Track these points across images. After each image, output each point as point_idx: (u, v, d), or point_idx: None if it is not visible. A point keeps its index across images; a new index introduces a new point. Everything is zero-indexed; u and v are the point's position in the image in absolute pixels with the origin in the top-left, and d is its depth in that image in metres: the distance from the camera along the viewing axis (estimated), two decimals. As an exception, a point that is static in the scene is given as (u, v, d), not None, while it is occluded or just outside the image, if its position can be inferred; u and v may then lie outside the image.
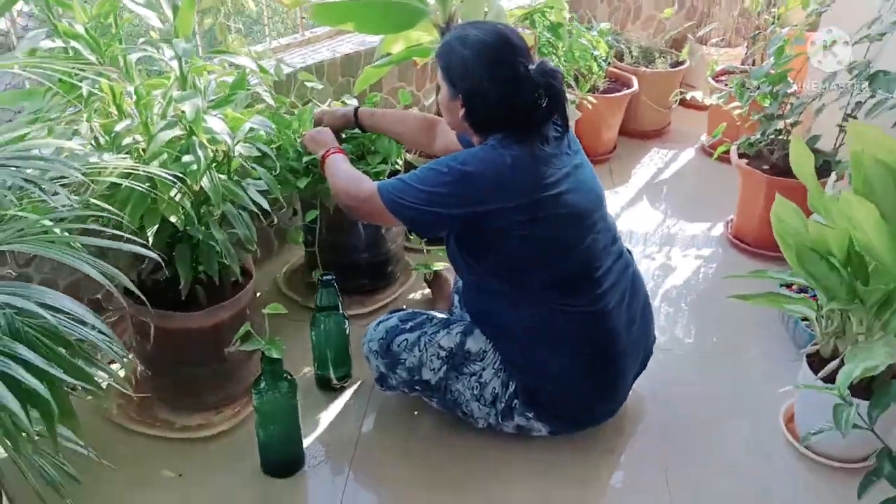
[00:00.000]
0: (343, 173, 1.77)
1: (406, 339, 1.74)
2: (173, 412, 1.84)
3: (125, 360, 1.14)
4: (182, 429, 1.81)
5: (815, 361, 1.74)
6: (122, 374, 1.91)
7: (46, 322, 1.03)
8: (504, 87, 1.56)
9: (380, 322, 1.80)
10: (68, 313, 1.10)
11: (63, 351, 1.06)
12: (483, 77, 1.56)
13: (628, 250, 1.81)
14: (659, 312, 2.26)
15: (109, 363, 1.83)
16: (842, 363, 1.50)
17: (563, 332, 1.65)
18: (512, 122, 1.58)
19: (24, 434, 0.98)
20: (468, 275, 1.74)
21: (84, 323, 1.14)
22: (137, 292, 1.25)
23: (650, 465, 1.76)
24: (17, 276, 1.79)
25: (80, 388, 1.13)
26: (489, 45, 1.56)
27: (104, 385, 1.35)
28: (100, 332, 1.15)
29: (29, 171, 1.14)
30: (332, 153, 1.83)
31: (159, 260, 1.40)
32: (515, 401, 1.71)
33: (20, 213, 1.22)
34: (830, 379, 1.56)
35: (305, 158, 1.95)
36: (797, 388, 1.68)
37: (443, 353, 1.72)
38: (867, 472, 1.34)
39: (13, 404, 0.93)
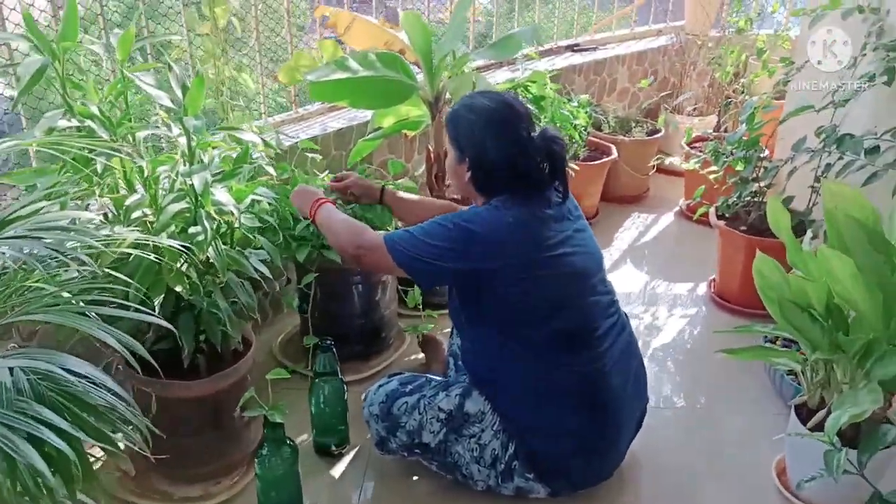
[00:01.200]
0: (343, 222, 1.81)
1: (406, 402, 1.77)
2: (172, 483, 1.84)
3: (142, 426, 1.16)
4: (181, 500, 1.81)
5: (804, 412, 1.79)
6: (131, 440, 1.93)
7: (70, 387, 1.07)
8: (507, 151, 1.66)
9: (380, 386, 1.84)
10: (89, 379, 1.14)
11: (85, 415, 1.09)
12: (488, 141, 1.67)
13: (625, 313, 1.87)
14: (648, 372, 2.30)
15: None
16: (829, 412, 1.55)
17: (562, 390, 1.69)
18: (515, 184, 1.67)
19: (49, 495, 1.00)
20: (469, 329, 1.78)
21: (102, 388, 1.17)
22: (151, 360, 1.28)
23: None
24: (20, 349, 1.81)
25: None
26: (494, 111, 1.68)
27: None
28: (118, 397, 1.18)
29: (48, 240, 1.19)
30: (324, 203, 1.86)
31: (166, 329, 1.44)
32: (515, 462, 1.73)
33: (36, 284, 1.27)
34: (819, 429, 1.61)
35: (299, 226, 2.01)
36: (789, 436, 1.72)
37: (442, 416, 1.75)
38: (862, 518, 1.37)
39: (40, 464, 0.95)
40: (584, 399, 1.71)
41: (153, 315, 1.38)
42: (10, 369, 1.04)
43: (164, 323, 1.32)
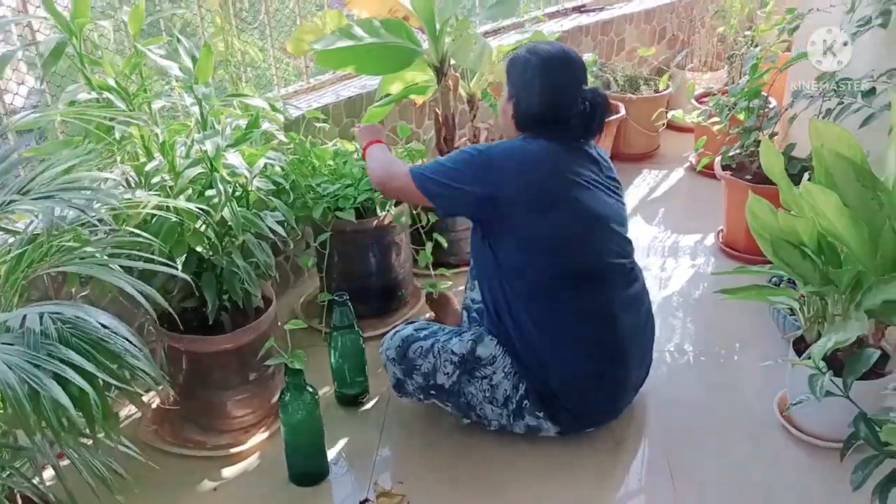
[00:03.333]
0: (384, 156, 1.99)
1: (421, 347, 1.87)
2: (204, 433, 1.96)
3: (158, 375, 1.26)
4: (213, 447, 1.93)
5: (801, 347, 1.86)
6: (156, 401, 2.06)
7: (93, 334, 1.17)
8: (553, 92, 1.77)
9: (396, 331, 1.94)
10: (113, 330, 1.24)
11: (107, 361, 1.19)
12: (537, 80, 1.77)
13: (639, 268, 1.95)
14: (658, 320, 2.38)
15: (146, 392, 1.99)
16: (822, 343, 1.62)
17: (573, 331, 1.78)
18: (552, 126, 1.78)
19: (70, 430, 1.10)
20: (488, 268, 1.85)
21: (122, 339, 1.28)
22: (173, 313, 1.38)
23: (655, 462, 1.86)
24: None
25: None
26: (552, 56, 1.80)
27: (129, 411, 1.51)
28: (140, 350, 1.29)
29: (76, 201, 1.30)
30: (377, 143, 2.03)
31: (191, 287, 1.54)
32: (526, 401, 1.83)
33: (67, 244, 1.38)
34: (813, 359, 1.68)
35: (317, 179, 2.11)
36: (777, 362, 1.79)
37: (455, 359, 1.84)
38: (847, 437, 1.44)
39: (64, 399, 1.05)
40: (594, 340, 1.80)
41: (176, 269, 1.50)
42: (41, 315, 1.15)
43: (187, 277, 1.42)
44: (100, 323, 1.21)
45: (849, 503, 1.54)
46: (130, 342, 1.22)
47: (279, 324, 2.03)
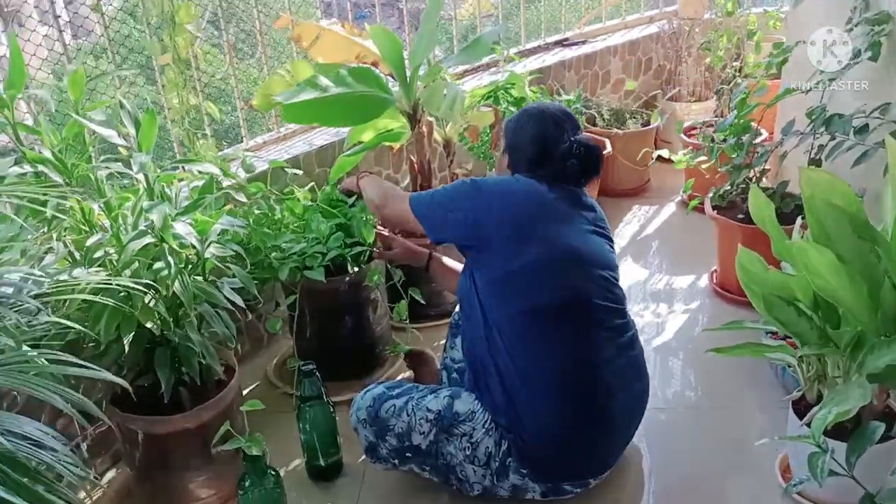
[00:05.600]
0: (382, 183, 2.08)
1: (394, 405, 1.75)
2: (165, 517, 1.84)
3: (91, 482, 1.14)
4: (174, 533, 1.80)
5: (802, 407, 1.73)
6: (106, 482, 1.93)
7: (4, 448, 1.04)
8: (544, 132, 1.80)
9: (367, 391, 1.82)
10: (30, 438, 1.12)
11: (24, 480, 1.06)
12: (528, 125, 1.83)
13: (630, 317, 1.84)
14: (651, 367, 2.25)
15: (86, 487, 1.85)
16: (823, 409, 1.49)
17: (549, 378, 1.67)
18: (546, 165, 1.79)
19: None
20: (475, 317, 1.76)
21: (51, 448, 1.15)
22: (103, 417, 1.25)
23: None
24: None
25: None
26: (544, 108, 1.86)
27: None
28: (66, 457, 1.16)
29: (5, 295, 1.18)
30: (369, 175, 2.12)
31: (144, 364, 1.41)
32: (509, 458, 1.70)
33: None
34: (815, 426, 1.55)
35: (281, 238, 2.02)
36: (774, 440, 1.67)
37: (431, 416, 1.72)
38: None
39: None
40: (577, 392, 1.69)
41: (116, 361, 1.37)
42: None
43: (119, 380, 1.29)
44: (19, 433, 1.09)
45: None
46: (53, 449, 1.10)
47: (244, 391, 1.91)
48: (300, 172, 2.27)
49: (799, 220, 2.04)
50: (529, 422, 1.69)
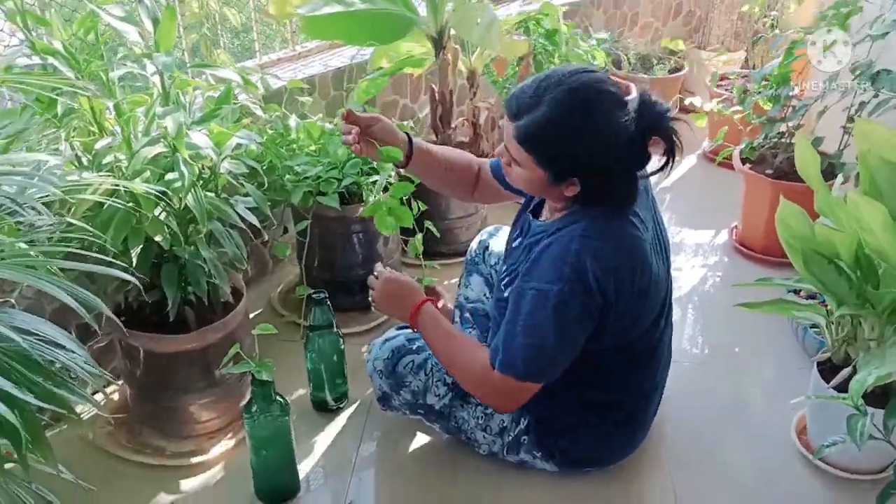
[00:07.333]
0: (451, 350, 1.54)
1: (412, 361, 1.68)
2: (164, 438, 1.78)
3: (106, 385, 1.08)
4: (173, 455, 1.75)
5: (827, 369, 1.68)
6: (115, 397, 1.88)
7: (18, 346, 0.98)
8: (615, 132, 1.34)
9: (386, 340, 1.73)
10: (44, 338, 1.05)
11: (38, 378, 1.00)
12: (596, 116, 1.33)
13: None
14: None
15: (94, 393, 1.80)
16: (854, 371, 1.44)
17: (604, 406, 1.61)
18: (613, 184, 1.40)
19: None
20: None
21: (63, 347, 1.09)
22: (115, 319, 1.19)
23: (660, 482, 1.70)
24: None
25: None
26: (600, 79, 1.35)
27: (82, 411, 1.31)
28: (80, 356, 1.10)
29: (5, 187, 1.09)
30: (423, 304, 1.56)
31: (144, 282, 1.35)
32: (525, 437, 1.64)
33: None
34: (842, 387, 1.50)
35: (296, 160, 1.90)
36: (809, 398, 1.61)
37: (449, 380, 1.65)
38: (886, 485, 1.27)
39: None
40: (622, 415, 1.63)
41: (128, 269, 1.30)
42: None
43: (132, 278, 1.22)
44: (33, 332, 1.02)
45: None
46: (67, 349, 1.04)
47: (251, 315, 1.85)
48: (310, 100, 2.15)
49: (839, 178, 1.96)
50: (565, 435, 1.62)
